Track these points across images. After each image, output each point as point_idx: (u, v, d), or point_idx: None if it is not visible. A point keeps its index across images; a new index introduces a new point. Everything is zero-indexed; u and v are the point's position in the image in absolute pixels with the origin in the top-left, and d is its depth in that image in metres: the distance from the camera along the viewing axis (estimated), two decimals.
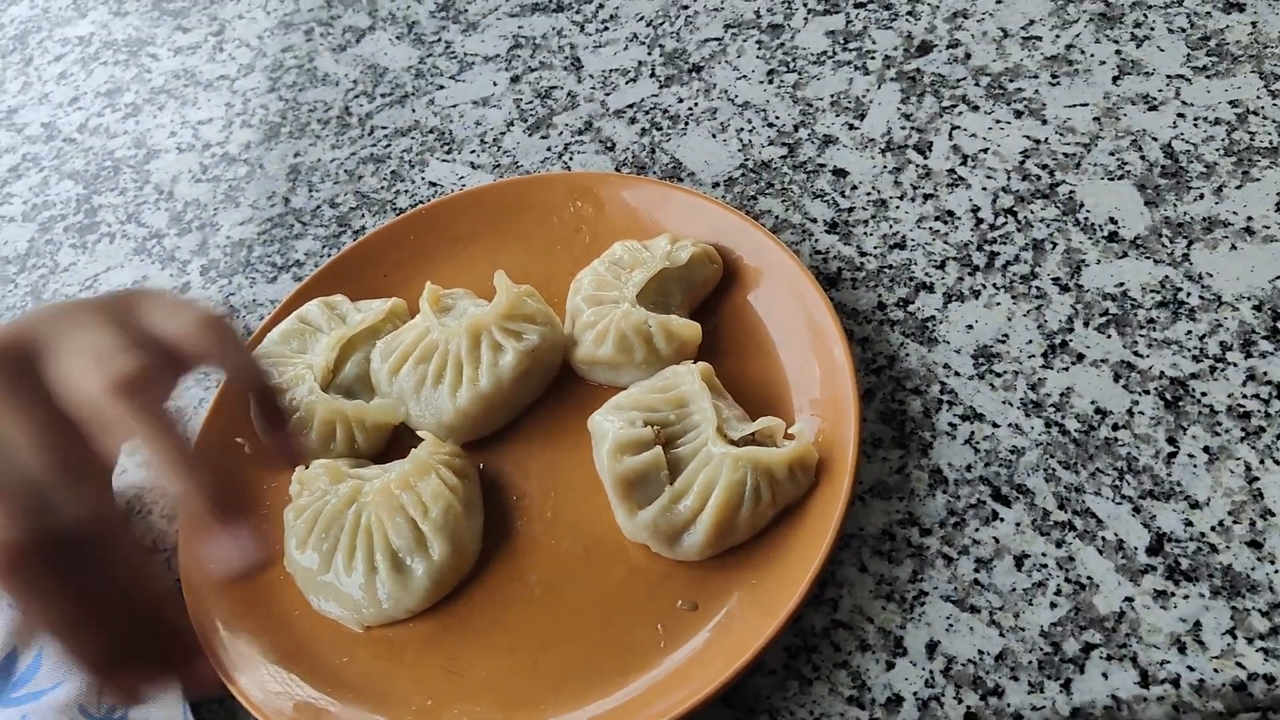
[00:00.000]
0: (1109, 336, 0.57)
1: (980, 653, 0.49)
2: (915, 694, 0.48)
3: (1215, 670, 0.47)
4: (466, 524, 0.55)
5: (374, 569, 0.53)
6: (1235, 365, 0.55)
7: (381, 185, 0.75)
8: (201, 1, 0.94)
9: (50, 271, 0.77)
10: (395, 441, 0.60)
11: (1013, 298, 0.60)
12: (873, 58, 0.73)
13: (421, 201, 0.73)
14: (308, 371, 0.60)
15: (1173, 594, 0.49)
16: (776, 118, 0.71)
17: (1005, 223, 0.63)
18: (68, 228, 0.80)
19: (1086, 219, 0.62)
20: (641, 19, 0.80)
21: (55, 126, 0.88)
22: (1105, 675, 0.47)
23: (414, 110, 0.79)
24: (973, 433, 0.55)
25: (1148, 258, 0.59)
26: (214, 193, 0.79)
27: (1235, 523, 0.50)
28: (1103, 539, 0.51)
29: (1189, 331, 0.56)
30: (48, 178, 0.84)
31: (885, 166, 0.67)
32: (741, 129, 0.71)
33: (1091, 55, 0.69)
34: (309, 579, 0.55)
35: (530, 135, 0.75)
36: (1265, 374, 0.54)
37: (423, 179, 0.75)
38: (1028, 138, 0.66)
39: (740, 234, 0.62)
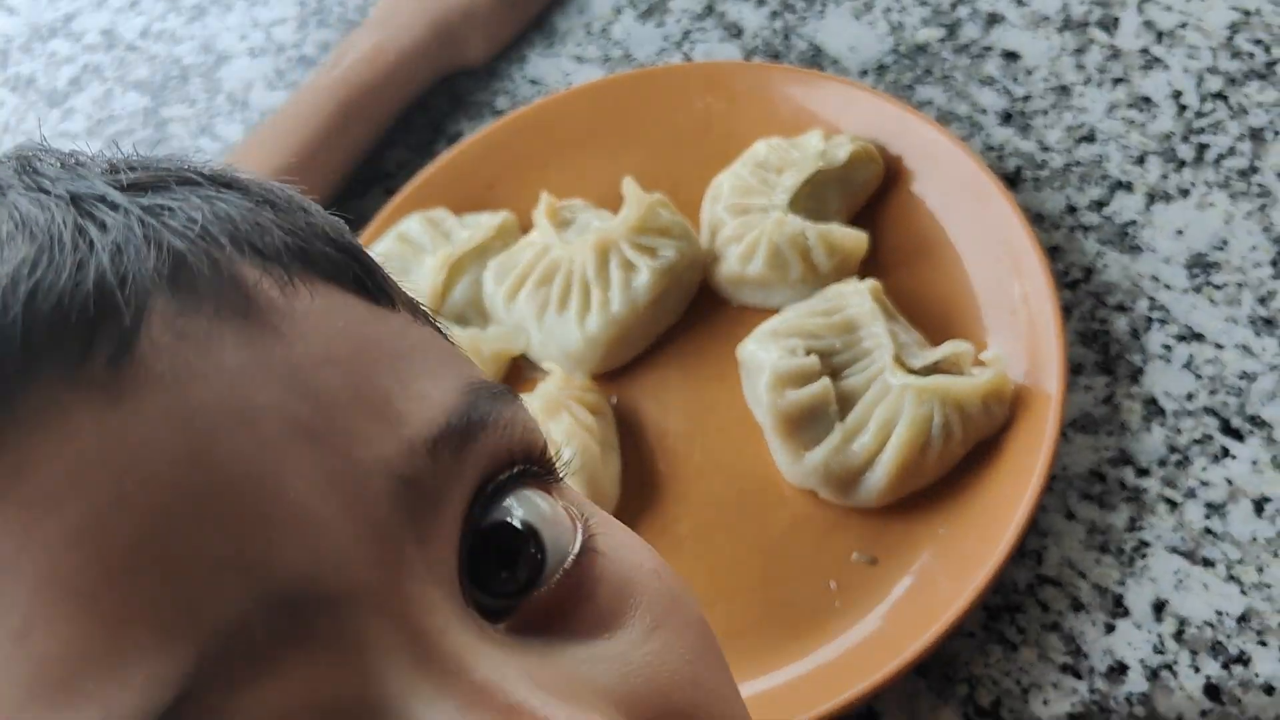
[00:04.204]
0: None
1: (1219, 614, 0.42)
2: (1142, 661, 0.42)
3: None
4: (603, 467, 0.48)
5: None
6: None
7: (476, 85, 0.68)
8: None
9: None
10: (514, 373, 0.54)
11: (1230, 197, 0.51)
12: None
13: (523, 102, 0.66)
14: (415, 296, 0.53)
15: None
16: None
17: (1214, 109, 0.54)
18: (136, 143, 0.73)
19: None
20: None
21: (115, 33, 0.81)
22: None
23: None
24: (1192, 355, 0.47)
25: None
26: None
27: None
28: None
29: None
30: (111, 89, 0.78)
31: (1064, 47, 0.58)
32: (889, 8, 0.62)
33: None
34: None
35: (642, 22, 0.67)
36: None
37: (522, 76, 0.67)
38: (1235, 9, 0.56)
39: (903, 127, 0.54)
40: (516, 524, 0.20)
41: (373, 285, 0.21)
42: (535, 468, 0.21)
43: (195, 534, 0.16)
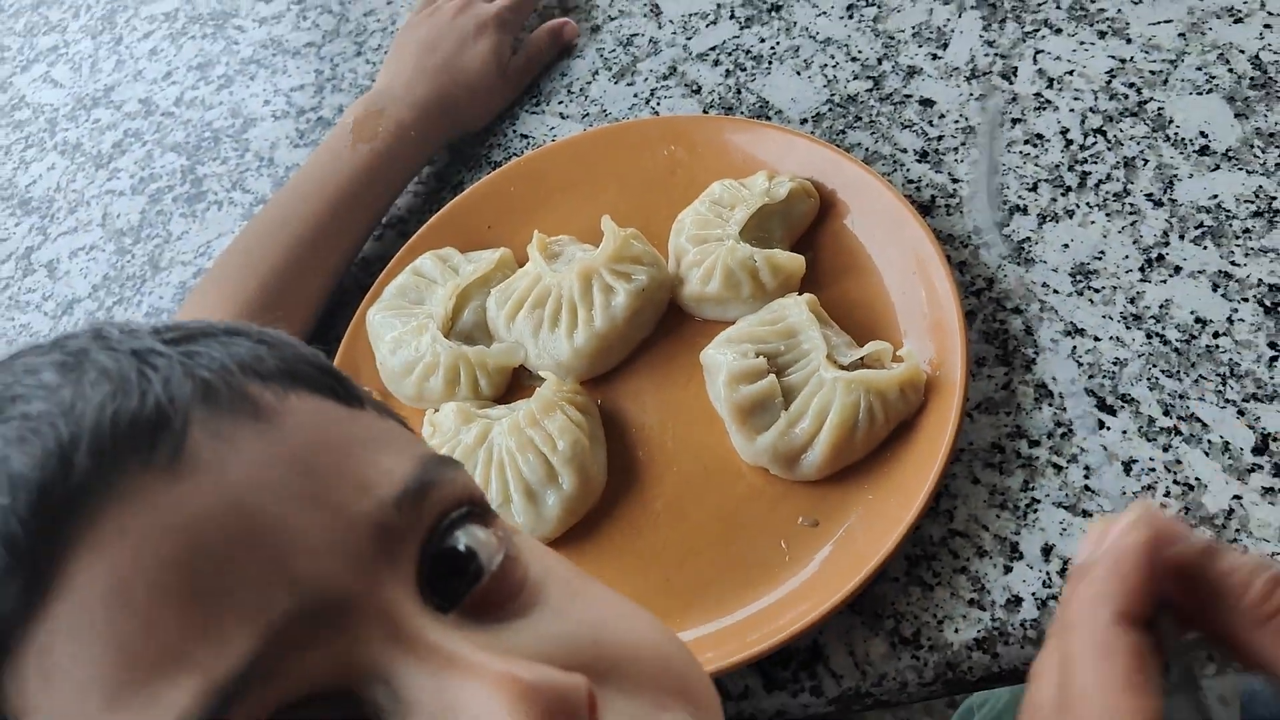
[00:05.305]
0: (1205, 248, 0.58)
1: None
2: (1034, 594, 0.51)
3: None
4: (592, 456, 0.58)
5: (508, 500, 0.57)
6: None
7: (475, 140, 0.78)
8: None
9: (164, 241, 0.81)
10: (515, 383, 0.63)
11: (1107, 215, 0.61)
12: None
13: (514, 154, 0.76)
14: (429, 321, 0.63)
15: None
16: (859, 52, 0.72)
17: (1095, 142, 0.64)
18: (176, 198, 0.84)
19: (1177, 134, 0.63)
20: None
21: (152, 101, 0.92)
22: None
23: None
24: (1075, 347, 0.57)
25: (1240, 169, 0.60)
26: None
27: None
28: (1209, 442, 0.53)
29: None
30: (151, 151, 0.88)
31: (971, 94, 0.68)
32: (825, 65, 0.72)
33: None
34: None
35: (616, 83, 0.77)
36: None
37: (514, 131, 0.77)
38: (1113, 57, 0.67)
39: (834, 167, 0.64)
40: (461, 548, 0.29)
41: (345, 393, 0.30)
42: (475, 508, 0.29)
43: (243, 563, 0.24)
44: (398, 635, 0.26)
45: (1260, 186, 0.59)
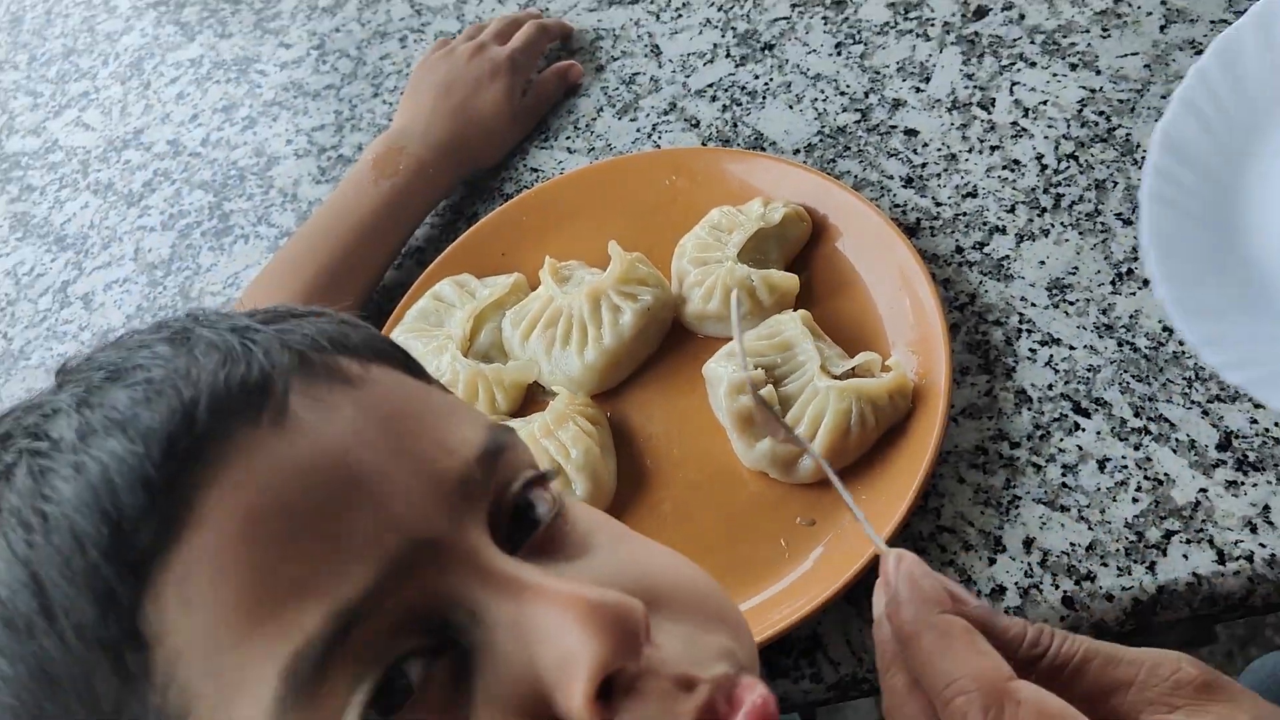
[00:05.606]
0: None
1: (1072, 545, 0.55)
2: (1016, 584, 0.55)
3: None
4: (603, 464, 0.62)
5: None
6: None
7: (488, 174, 0.83)
8: (300, 18, 1.02)
9: (194, 273, 0.86)
10: (529, 398, 0.68)
11: (1080, 234, 0.65)
12: (933, 25, 0.78)
13: (525, 186, 0.81)
14: (448, 342, 0.67)
15: (1242, 483, 0.55)
16: (848, 86, 0.77)
17: (1068, 167, 0.68)
18: (204, 232, 0.88)
19: (1144, 158, 0.67)
20: (713, 4, 0.86)
21: (180, 142, 0.97)
22: (1185, 556, 0.53)
23: None
24: (1051, 356, 0.61)
25: None
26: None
27: None
28: (1176, 440, 0.57)
29: None
30: (179, 189, 0.93)
31: (953, 124, 0.73)
32: (816, 99, 0.77)
33: (1139, 7, 0.74)
34: None
35: (619, 119, 0.82)
36: None
37: (524, 165, 0.82)
38: (1084, 88, 0.72)
39: (825, 193, 0.68)
40: (522, 501, 0.33)
41: (416, 368, 0.35)
42: (536, 472, 0.34)
43: (353, 508, 0.28)
44: (479, 569, 0.30)
45: None
